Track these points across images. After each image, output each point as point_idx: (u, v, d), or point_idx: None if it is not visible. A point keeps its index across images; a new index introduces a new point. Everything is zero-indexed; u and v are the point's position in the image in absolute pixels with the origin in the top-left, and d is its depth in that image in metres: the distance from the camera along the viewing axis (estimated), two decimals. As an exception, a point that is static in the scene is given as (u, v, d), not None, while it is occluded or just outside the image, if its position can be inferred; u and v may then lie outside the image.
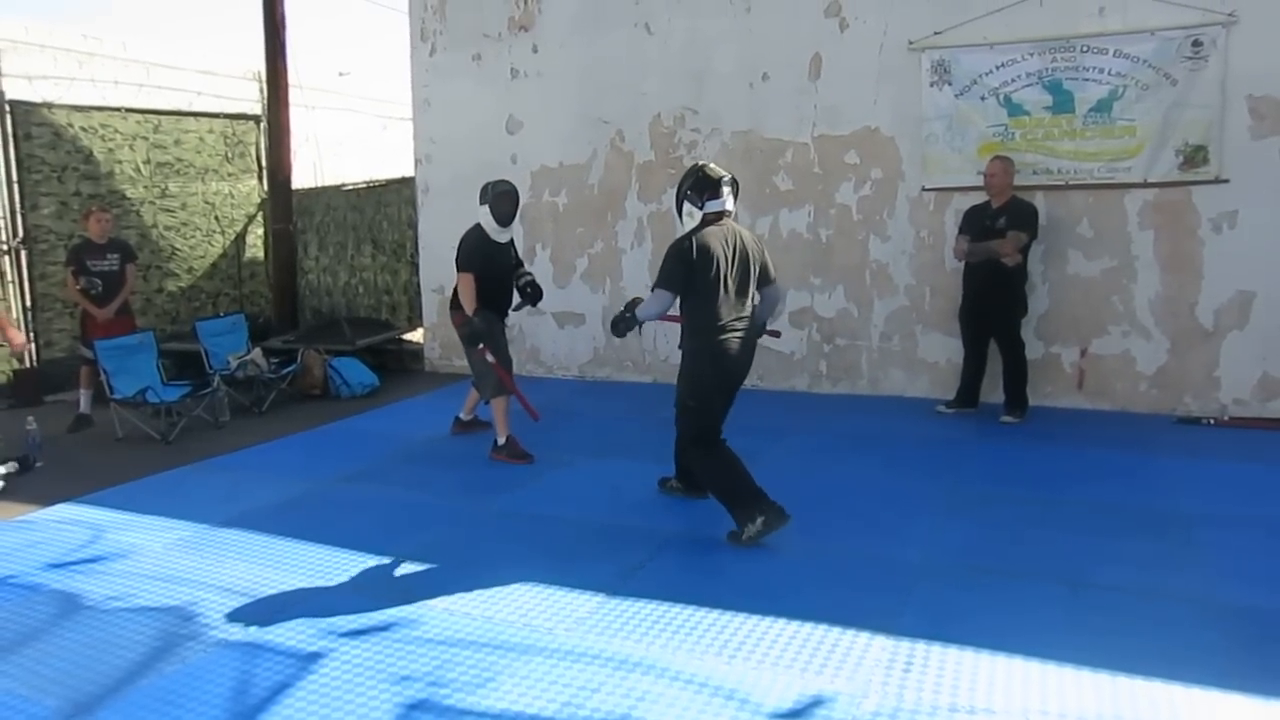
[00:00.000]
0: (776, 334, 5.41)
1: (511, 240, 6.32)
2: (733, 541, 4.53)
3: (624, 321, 4.81)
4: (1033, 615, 3.72)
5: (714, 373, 4.65)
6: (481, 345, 5.97)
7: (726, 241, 4.54)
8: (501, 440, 6.21)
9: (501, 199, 6.08)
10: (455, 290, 6.17)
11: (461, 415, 6.89)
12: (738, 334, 4.61)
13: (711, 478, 4.71)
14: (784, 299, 5.15)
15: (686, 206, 4.64)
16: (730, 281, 4.55)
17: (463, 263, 6.07)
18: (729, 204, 4.64)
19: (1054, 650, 3.38)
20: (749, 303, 4.68)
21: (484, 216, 6.11)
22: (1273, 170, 6.38)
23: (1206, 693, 3.11)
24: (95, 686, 3.34)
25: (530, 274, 6.48)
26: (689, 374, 4.72)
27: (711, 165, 4.74)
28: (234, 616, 3.87)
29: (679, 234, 4.68)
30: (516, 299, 6.40)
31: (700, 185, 4.61)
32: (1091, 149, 6.78)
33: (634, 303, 4.85)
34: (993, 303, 6.70)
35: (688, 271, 4.49)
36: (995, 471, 5.69)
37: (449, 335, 9.39)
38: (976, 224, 6.74)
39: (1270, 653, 3.36)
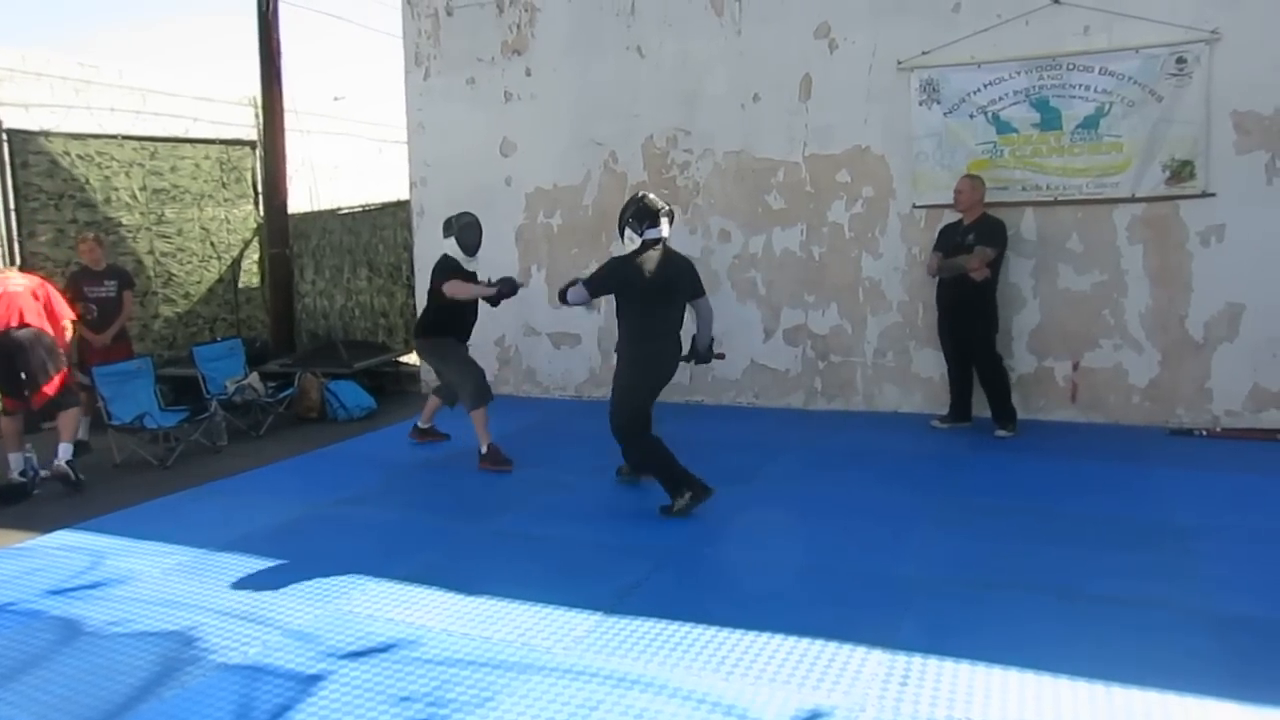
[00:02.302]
0: (721, 356, 6.04)
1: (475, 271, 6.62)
2: (664, 514, 5.21)
3: (561, 294, 5.43)
4: (1029, 627, 3.74)
5: (645, 374, 5.37)
6: (499, 287, 6.31)
7: (659, 264, 5.28)
8: (484, 450, 6.37)
9: (468, 229, 6.45)
10: (423, 317, 6.58)
11: (420, 423, 7.13)
12: (666, 341, 5.39)
13: (647, 460, 5.39)
14: (712, 310, 5.79)
15: (628, 232, 5.35)
16: (659, 297, 5.29)
17: (446, 274, 6.36)
18: (664, 231, 5.35)
19: (1050, 662, 3.40)
20: (676, 314, 5.47)
21: (451, 248, 6.44)
22: (1258, 184, 6.47)
23: (1202, 703, 3.13)
24: (96, 712, 3.34)
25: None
26: (625, 375, 5.41)
27: (651, 196, 5.43)
28: (234, 640, 3.88)
29: (617, 251, 5.36)
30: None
31: (641, 214, 5.32)
32: (1079, 165, 6.86)
33: (573, 283, 5.40)
34: (963, 318, 6.81)
35: (618, 285, 5.31)
36: (990, 485, 5.72)
37: (445, 357, 9.43)
38: (949, 241, 6.88)
39: (1266, 662, 3.39)
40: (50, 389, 6.43)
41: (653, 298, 5.27)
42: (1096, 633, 3.67)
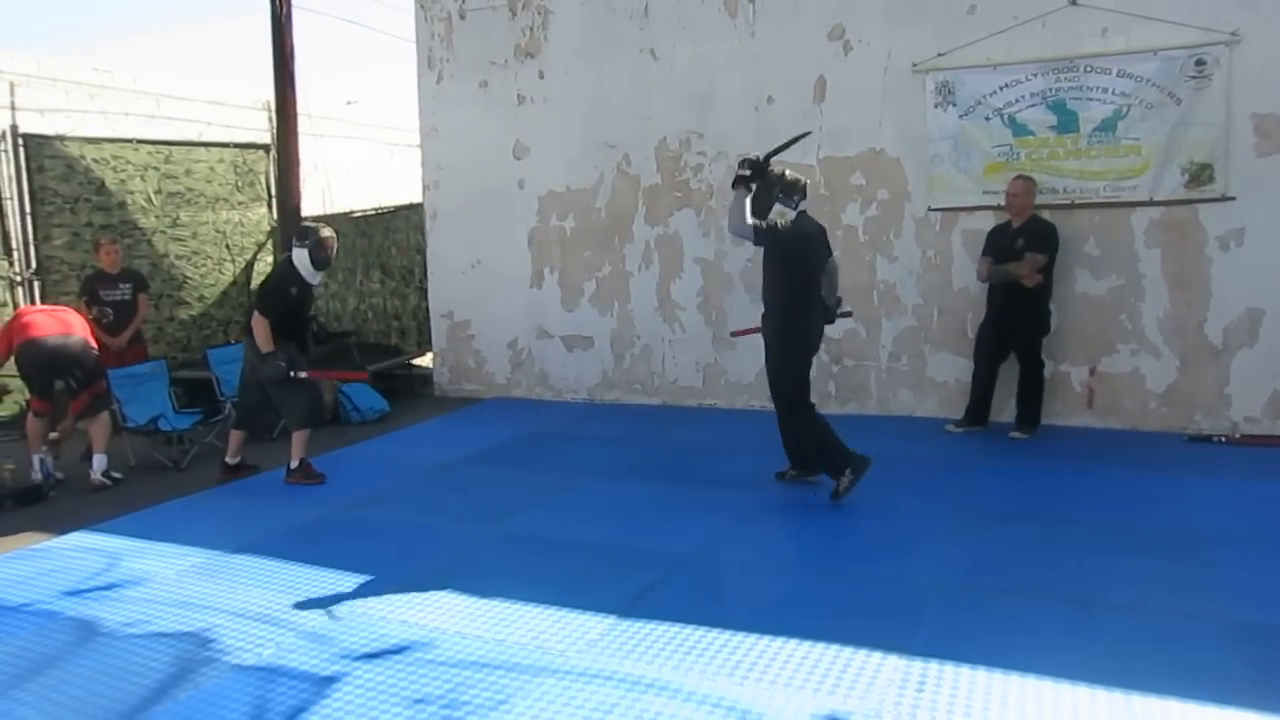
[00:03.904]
0: (849, 314, 6.20)
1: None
2: (834, 500, 5.35)
3: (754, 165, 5.41)
4: (1045, 635, 3.71)
5: (803, 343, 5.55)
6: (294, 373, 6.15)
7: (814, 235, 5.50)
8: (295, 465, 6.35)
9: (321, 245, 6.25)
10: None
11: (227, 459, 6.69)
12: (819, 310, 5.59)
13: (810, 434, 5.55)
14: (838, 268, 5.87)
15: (778, 207, 5.35)
16: (816, 265, 5.49)
17: (264, 306, 6.22)
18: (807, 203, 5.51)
19: (1066, 670, 3.37)
20: (823, 281, 5.58)
21: (300, 258, 6.24)
22: (1279, 187, 6.40)
23: (1221, 712, 3.09)
24: (111, 713, 3.35)
25: (319, 318, 6.83)
26: (784, 345, 5.56)
27: (788, 171, 5.48)
28: (249, 641, 3.88)
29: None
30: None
31: (791, 188, 5.39)
32: (1097, 168, 6.81)
33: (763, 162, 5.42)
34: (1017, 322, 6.73)
35: (799, 256, 5.42)
36: (1006, 491, 5.68)
37: (458, 360, 9.45)
38: (997, 245, 6.77)
39: (1285, 670, 3.35)
40: (89, 395, 6.61)
41: (811, 266, 5.48)
42: (1114, 640, 3.63)
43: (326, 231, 6.34)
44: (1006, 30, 6.95)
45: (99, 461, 6.64)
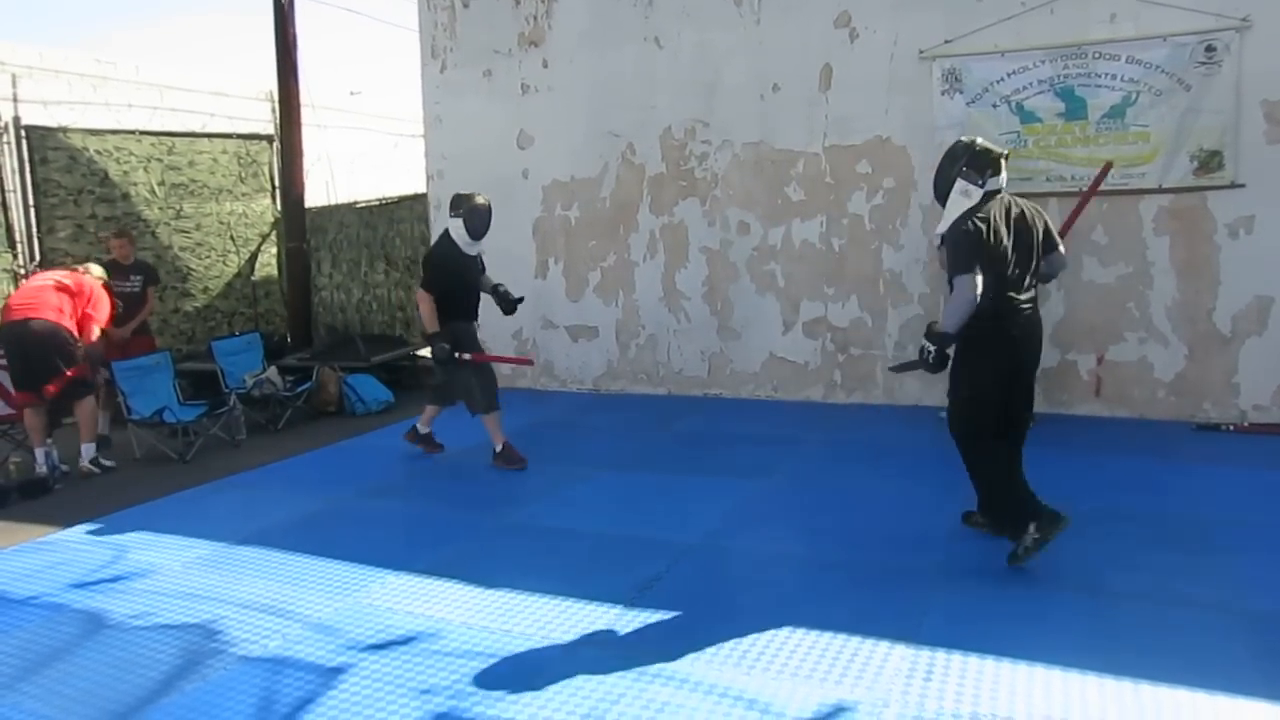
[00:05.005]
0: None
1: (479, 252, 6.34)
2: (1012, 562, 4.16)
3: (933, 354, 4.22)
4: (1053, 623, 3.70)
5: (995, 361, 4.27)
6: (459, 355, 6.05)
7: (1009, 216, 4.22)
8: (499, 448, 6.27)
9: (477, 214, 6.13)
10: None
11: (419, 426, 6.72)
12: (1025, 315, 4.28)
13: (981, 475, 4.40)
14: (1066, 265, 4.73)
15: (961, 185, 4.24)
16: (1023, 260, 4.23)
17: (427, 282, 6.12)
18: (1005, 179, 4.27)
19: (1074, 658, 3.36)
20: (1033, 279, 4.34)
21: (456, 228, 6.14)
22: (1289, 174, 6.35)
23: (1230, 700, 3.08)
24: (119, 705, 3.35)
25: (501, 284, 6.54)
26: (968, 363, 4.34)
27: (980, 140, 4.38)
28: (255, 633, 3.88)
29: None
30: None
31: (978, 161, 4.23)
32: (1105, 155, 6.75)
33: (931, 332, 4.23)
34: None
35: (984, 259, 4.09)
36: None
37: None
38: None
39: (1296, 659, 3.33)
40: (57, 385, 6.45)
41: (1006, 259, 4.17)
42: (1123, 629, 3.62)
43: (481, 199, 6.18)
44: (1014, 17, 6.89)
45: (85, 450, 6.63)
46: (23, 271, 8.88)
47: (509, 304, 6.45)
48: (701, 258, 8.29)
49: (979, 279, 4.04)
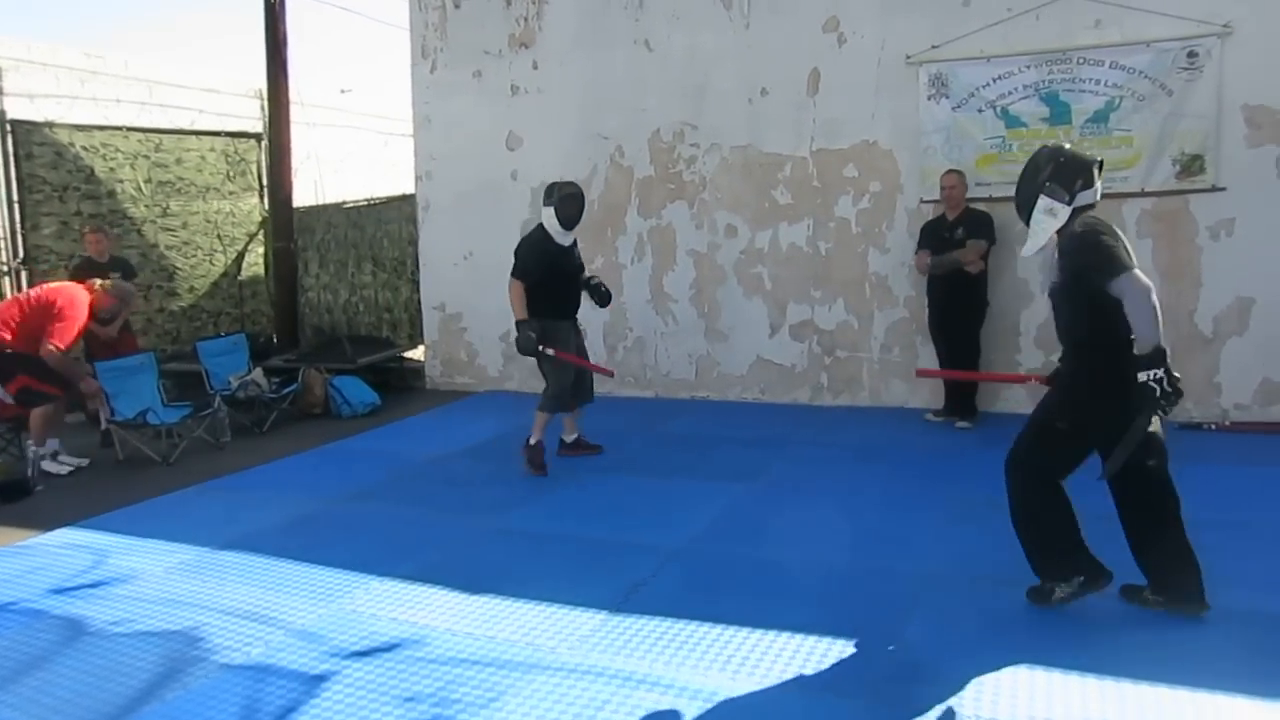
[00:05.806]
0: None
1: (575, 242, 6.27)
2: (1036, 600, 3.82)
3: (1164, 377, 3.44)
4: (1039, 623, 3.71)
5: (1109, 405, 3.58)
6: (543, 349, 5.93)
7: (1121, 238, 3.53)
8: (534, 441, 6.14)
9: (569, 200, 6.04)
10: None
11: (564, 437, 6.61)
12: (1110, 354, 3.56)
13: (1032, 513, 3.83)
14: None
15: (1045, 202, 3.59)
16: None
17: (517, 269, 6.02)
18: (1098, 192, 3.63)
19: (1061, 658, 3.38)
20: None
21: (548, 217, 6.06)
22: (1269, 178, 6.43)
23: (1214, 698, 3.11)
24: (99, 714, 3.32)
25: (597, 276, 6.47)
26: (1078, 395, 3.73)
27: (1069, 146, 3.73)
28: (238, 640, 3.86)
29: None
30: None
31: (1068, 172, 3.57)
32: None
33: (1146, 358, 3.40)
34: (960, 311, 6.88)
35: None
36: (998, 480, 5.60)
37: (450, 353, 9.41)
38: (934, 237, 6.93)
39: (1277, 657, 3.36)
40: (12, 389, 6.48)
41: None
42: (1108, 628, 3.65)
43: (571, 188, 6.14)
44: (1001, 22, 6.93)
45: (38, 451, 6.57)
46: (6, 269, 8.82)
47: (602, 297, 6.39)
48: (689, 260, 8.29)
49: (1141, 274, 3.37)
